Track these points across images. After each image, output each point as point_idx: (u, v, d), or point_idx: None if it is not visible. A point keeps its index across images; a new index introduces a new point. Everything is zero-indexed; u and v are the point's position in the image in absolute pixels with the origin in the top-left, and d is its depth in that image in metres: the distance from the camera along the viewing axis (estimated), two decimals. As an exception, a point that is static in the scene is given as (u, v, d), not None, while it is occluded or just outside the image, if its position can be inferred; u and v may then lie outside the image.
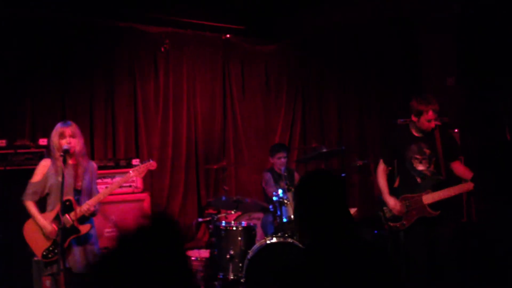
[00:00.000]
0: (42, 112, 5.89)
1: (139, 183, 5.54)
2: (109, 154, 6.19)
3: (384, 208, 4.21)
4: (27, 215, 3.97)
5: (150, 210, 5.56)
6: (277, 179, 5.71)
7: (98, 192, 4.06)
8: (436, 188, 4.02)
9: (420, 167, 4.11)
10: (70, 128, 3.92)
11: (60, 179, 3.78)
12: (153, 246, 1.40)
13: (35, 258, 4.56)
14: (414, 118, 4.09)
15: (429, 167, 4.11)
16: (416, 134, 4.14)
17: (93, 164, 4.16)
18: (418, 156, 4.11)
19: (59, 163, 3.84)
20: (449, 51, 6.67)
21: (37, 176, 3.95)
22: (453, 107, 6.20)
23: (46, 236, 3.88)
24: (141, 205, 5.49)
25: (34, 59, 5.84)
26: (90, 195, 3.97)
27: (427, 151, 4.11)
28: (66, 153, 3.84)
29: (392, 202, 4.13)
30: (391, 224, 4.18)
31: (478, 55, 6.18)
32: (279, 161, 5.63)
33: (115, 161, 5.56)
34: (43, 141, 5.08)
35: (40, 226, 3.87)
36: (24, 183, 4.32)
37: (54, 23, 5.94)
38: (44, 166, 3.97)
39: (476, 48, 6.22)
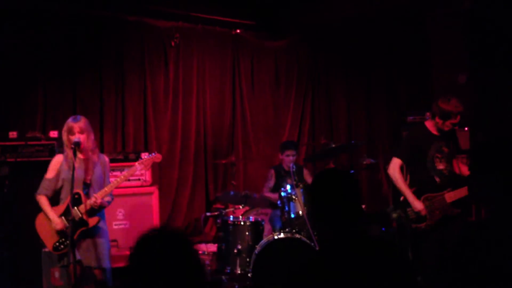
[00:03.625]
0: (53, 105, 5.93)
1: (147, 177, 5.57)
2: (119, 148, 6.23)
3: (408, 209, 4.11)
4: (38, 208, 4.02)
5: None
6: (284, 176, 5.73)
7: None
8: (456, 186, 4.01)
9: (440, 166, 4.09)
10: (79, 124, 3.95)
11: (71, 173, 3.82)
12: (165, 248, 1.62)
13: (45, 250, 4.61)
14: (438, 120, 4.02)
15: (447, 166, 4.09)
16: (434, 132, 4.11)
17: (105, 158, 4.20)
18: (438, 155, 4.09)
19: (70, 155, 3.88)
20: (459, 48, 6.62)
21: (50, 173, 4.01)
22: (463, 106, 6.16)
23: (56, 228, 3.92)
24: (149, 198, 5.52)
25: (45, 53, 5.87)
26: (101, 188, 4.00)
27: (446, 150, 4.09)
28: (77, 145, 3.88)
29: (420, 206, 4.03)
30: (416, 225, 4.11)
31: (489, 52, 6.14)
32: (288, 158, 5.65)
33: (124, 155, 5.59)
34: (53, 134, 5.13)
35: (49, 219, 3.91)
36: (35, 175, 4.37)
37: (64, 17, 5.96)
38: (57, 162, 4.02)
39: (486, 45, 6.17)
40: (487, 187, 2.19)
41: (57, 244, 3.91)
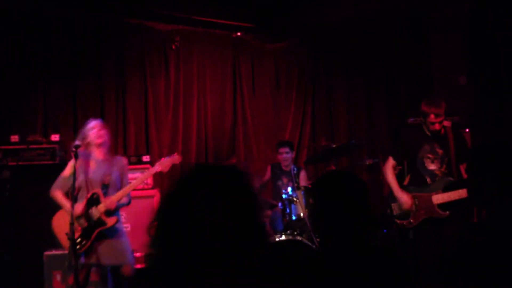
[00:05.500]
0: (54, 109, 5.95)
1: (149, 180, 5.57)
2: (120, 151, 6.22)
3: (393, 204, 4.20)
4: (40, 210, 4.04)
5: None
6: (280, 175, 5.75)
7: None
8: (446, 189, 4.02)
9: (432, 167, 4.11)
10: (103, 123, 4.10)
11: (88, 174, 3.88)
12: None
13: (47, 253, 4.63)
14: (422, 119, 4.15)
15: (441, 167, 4.10)
16: (429, 133, 4.15)
17: (123, 160, 4.23)
18: (430, 156, 4.12)
19: (93, 155, 3.95)
20: (460, 50, 6.63)
21: (66, 171, 4.05)
22: (463, 107, 6.18)
23: (75, 227, 3.94)
24: (151, 201, 5.53)
25: (46, 56, 5.89)
26: (116, 190, 4.03)
27: (440, 151, 4.11)
28: (77, 148, 3.92)
29: (404, 197, 4.12)
30: (398, 221, 4.18)
31: (489, 54, 6.15)
32: (281, 156, 5.69)
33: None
34: (55, 137, 5.15)
35: (67, 211, 3.91)
36: (36, 178, 4.40)
37: (65, 20, 5.98)
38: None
39: (487, 47, 6.18)
40: (485, 190, 2.19)
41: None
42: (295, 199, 4.80)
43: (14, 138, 5.01)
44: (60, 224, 3.95)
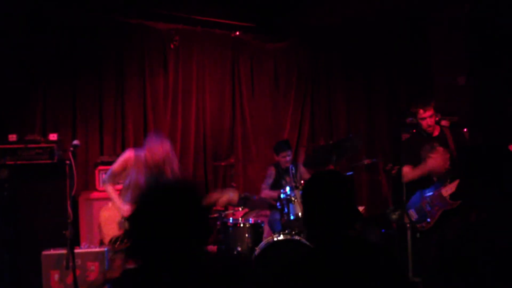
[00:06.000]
0: (53, 108, 5.95)
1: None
2: (118, 150, 6.21)
3: (409, 211, 4.20)
4: (39, 210, 4.06)
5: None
6: (283, 174, 5.73)
7: None
8: (452, 179, 4.06)
9: None
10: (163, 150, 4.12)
11: (139, 179, 3.97)
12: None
13: (44, 252, 4.63)
14: (415, 121, 4.26)
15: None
16: (425, 134, 4.19)
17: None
18: (431, 155, 4.15)
19: (142, 159, 4.03)
20: (459, 50, 6.62)
21: (117, 167, 4.11)
22: (463, 107, 6.16)
23: (120, 224, 3.98)
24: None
25: (45, 56, 5.89)
26: None
27: (440, 149, 4.14)
28: (76, 147, 3.94)
29: (431, 161, 4.11)
30: (418, 225, 4.17)
31: (488, 54, 6.13)
32: (284, 159, 5.66)
33: (124, 157, 5.59)
34: (53, 136, 5.15)
35: (116, 205, 4.01)
36: (34, 177, 4.39)
37: (64, 20, 5.98)
38: (128, 158, 4.12)
39: (486, 47, 6.17)
40: (477, 191, 2.20)
41: (115, 240, 3.98)
42: (293, 198, 4.79)
43: (12, 137, 5.02)
44: (107, 218, 4.04)
